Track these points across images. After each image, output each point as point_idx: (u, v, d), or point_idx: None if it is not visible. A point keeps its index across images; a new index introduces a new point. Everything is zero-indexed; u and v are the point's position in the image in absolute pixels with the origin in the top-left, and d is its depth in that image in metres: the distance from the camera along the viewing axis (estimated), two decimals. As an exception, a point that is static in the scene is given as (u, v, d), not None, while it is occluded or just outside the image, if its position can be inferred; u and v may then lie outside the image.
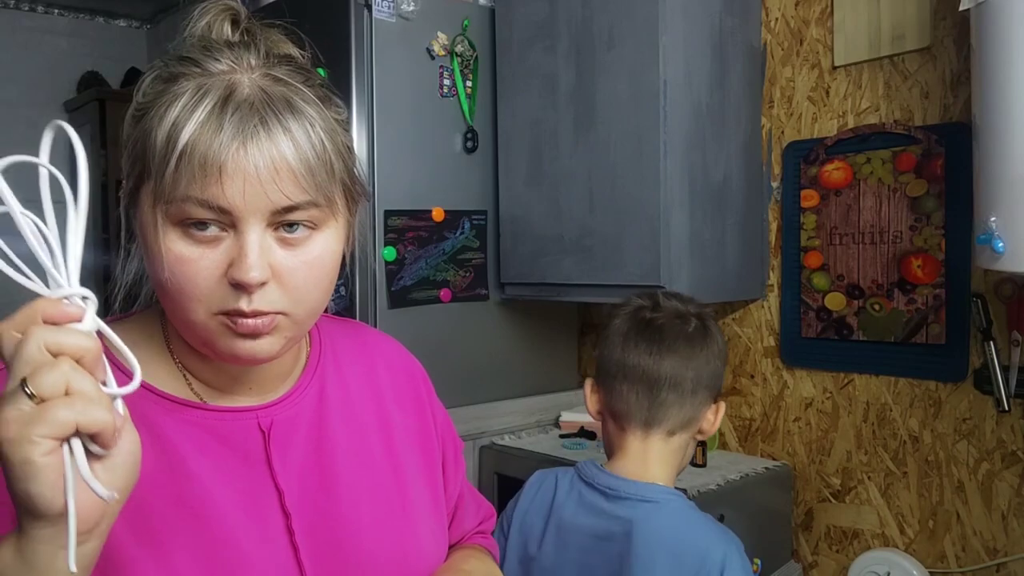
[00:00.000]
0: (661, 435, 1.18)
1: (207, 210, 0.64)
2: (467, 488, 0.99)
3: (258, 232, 0.66)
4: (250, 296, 0.66)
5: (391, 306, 1.88)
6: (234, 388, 0.76)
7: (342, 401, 0.83)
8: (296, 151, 0.66)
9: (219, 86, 0.66)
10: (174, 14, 3.65)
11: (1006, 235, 1.27)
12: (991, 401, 1.59)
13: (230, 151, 0.64)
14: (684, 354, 1.17)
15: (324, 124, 0.69)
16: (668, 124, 1.70)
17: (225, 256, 0.66)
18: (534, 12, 1.94)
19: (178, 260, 0.66)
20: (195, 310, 0.67)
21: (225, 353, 0.69)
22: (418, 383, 0.93)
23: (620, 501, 1.14)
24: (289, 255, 0.68)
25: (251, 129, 0.64)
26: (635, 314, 1.23)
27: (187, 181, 0.64)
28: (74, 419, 0.51)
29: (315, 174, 0.67)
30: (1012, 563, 1.58)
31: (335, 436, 0.80)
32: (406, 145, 1.91)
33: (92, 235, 2.04)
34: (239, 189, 0.64)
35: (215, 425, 0.74)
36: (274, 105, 0.66)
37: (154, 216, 0.66)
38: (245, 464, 0.73)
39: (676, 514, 1.13)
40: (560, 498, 1.21)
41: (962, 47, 1.61)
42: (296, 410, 0.78)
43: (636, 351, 1.18)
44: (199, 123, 0.64)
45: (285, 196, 0.65)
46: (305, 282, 0.69)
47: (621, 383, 1.18)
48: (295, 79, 0.70)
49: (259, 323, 0.67)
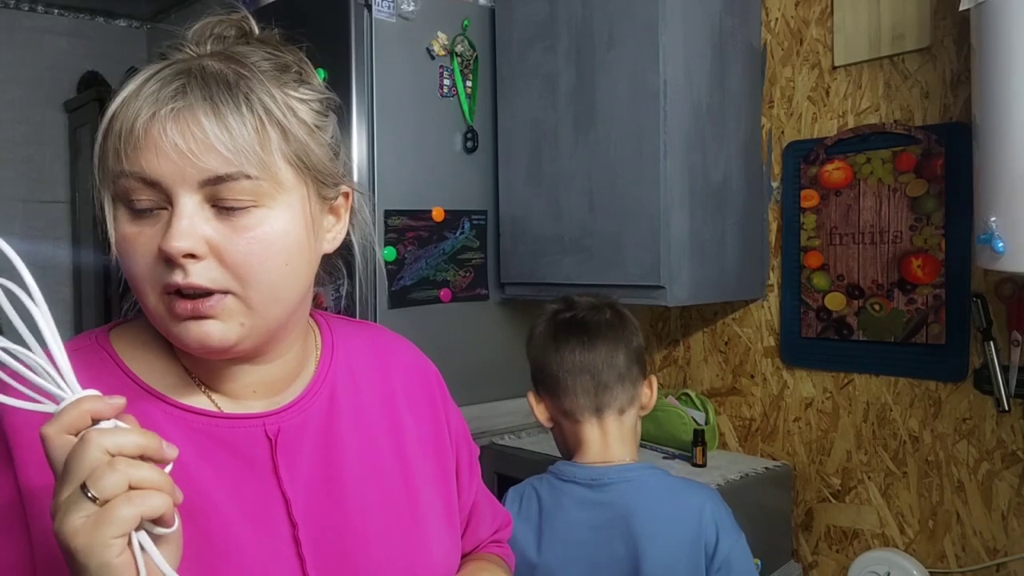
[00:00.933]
0: (613, 416, 1.27)
1: (138, 183, 0.65)
2: (483, 495, 0.97)
3: (191, 204, 0.65)
4: (184, 269, 0.64)
5: (391, 306, 1.88)
6: (237, 390, 0.75)
7: (353, 407, 0.81)
8: (216, 120, 0.65)
9: (154, 66, 0.68)
10: (174, 14, 3.66)
11: (1006, 235, 1.27)
12: (991, 401, 1.59)
13: (140, 120, 0.64)
14: (610, 337, 1.28)
15: (267, 98, 0.68)
16: (668, 124, 1.70)
17: (162, 231, 0.65)
18: (534, 12, 1.94)
19: (123, 239, 0.67)
20: (145, 292, 0.67)
21: (176, 340, 0.68)
22: (433, 388, 0.91)
23: (605, 488, 1.22)
24: (227, 229, 0.66)
25: (165, 98, 0.65)
26: (554, 317, 1.33)
27: (115, 155, 0.65)
28: (138, 513, 0.53)
29: (240, 144, 0.65)
30: (1012, 563, 1.58)
31: (345, 443, 0.78)
32: (406, 145, 1.91)
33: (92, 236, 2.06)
34: (156, 159, 0.64)
35: (221, 432, 0.72)
36: (202, 77, 0.66)
37: (103, 197, 0.67)
38: (251, 472, 0.72)
39: (659, 484, 1.23)
40: (547, 503, 1.25)
41: (962, 47, 1.61)
42: (305, 417, 0.77)
43: (569, 347, 1.28)
44: (123, 96, 0.66)
45: (207, 166, 0.64)
46: (247, 259, 0.67)
47: (565, 382, 1.27)
48: (250, 57, 0.70)
49: (198, 305, 0.65)
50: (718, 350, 2.05)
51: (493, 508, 1.00)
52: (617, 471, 1.24)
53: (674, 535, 1.18)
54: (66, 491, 0.53)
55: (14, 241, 0.58)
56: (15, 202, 3.55)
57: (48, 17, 3.68)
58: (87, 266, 3.50)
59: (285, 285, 0.70)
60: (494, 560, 0.94)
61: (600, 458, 1.26)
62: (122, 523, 0.52)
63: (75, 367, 0.70)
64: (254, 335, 0.70)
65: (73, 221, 3.69)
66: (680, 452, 1.88)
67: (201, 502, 0.69)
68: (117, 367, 0.72)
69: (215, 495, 0.70)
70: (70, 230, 3.69)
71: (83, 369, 0.70)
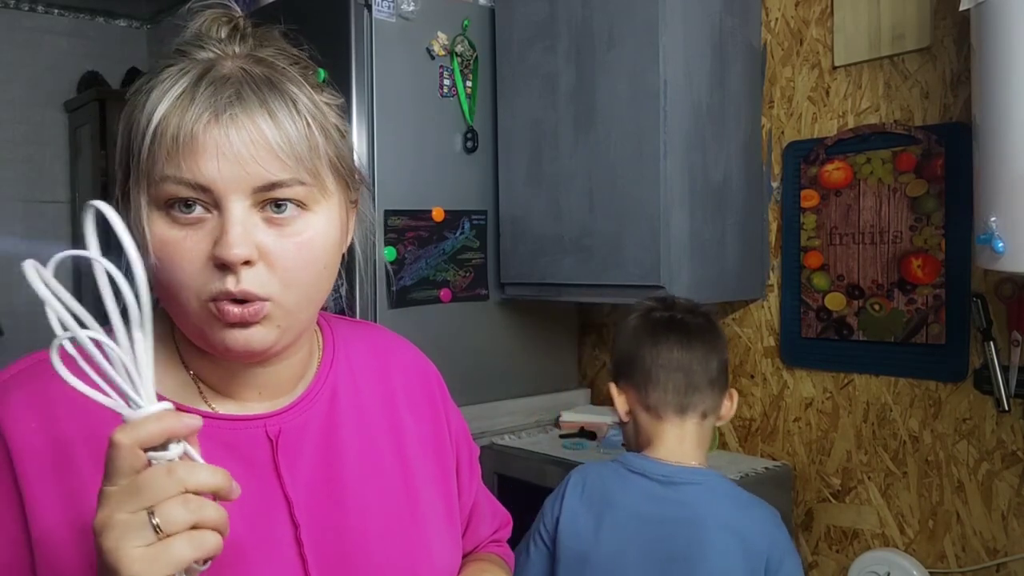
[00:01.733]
0: (696, 419, 1.28)
1: (188, 188, 0.64)
2: (484, 495, 0.97)
3: (241, 209, 0.64)
4: (237, 276, 0.64)
5: (391, 306, 1.88)
6: (243, 392, 0.75)
7: (354, 407, 0.81)
8: (275, 125, 0.65)
9: (195, 67, 0.66)
10: (174, 14, 3.66)
11: (1006, 235, 1.27)
12: (991, 401, 1.59)
13: (200, 124, 0.63)
14: (707, 342, 1.30)
15: (308, 102, 0.68)
16: (668, 124, 1.70)
17: (209, 236, 0.64)
18: (534, 12, 1.94)
19: (162, 243, 0.65)
20: (186, 298, 0.66)
21: (219, 346, 0.67)
22: (433, 388, 0.91)
23: (675, 487, 1.23)
24: (277, 235, 0.66)
25: (224, 102, 0.64)
26: (651, 313, 1.33)
27: (163, 159, 0.64)
28: (197, 555, 0.53)
29: (297, 150, 0.66)
30: (1012, 563, 1.58)
31: (346, 444, 0.78)
32: (406, 145, 1.91)
33: (92, 235, 1.96)
34: (215, 165, 0.63)
35: (222, 434, 0.72)
36: (252, 81, 0.66)
37: (138, 202, 0.66)
38: (253, 473, 0.72)
39: (729, 493, 1.25)
40: (613, 491, 1.25)
41: (962, 47, 1.61)
42: (306, 418, 0.77)
43: (668, 344, 1.28)
44: (173, 99, 0.64)
45: (265, 172, 0.64)
46: (295, 264, 0.67)
47: (658, 376, 1.27)
48: (280, 61, 0.70)
49: (246, 311, 0.65)
50: (718, 350, 2.05)
51: (493, 508, 1.00)
52: (689, 472, 1.24)
53: (737, 545, 1.18)
54: (126, 509, 0.53)
55: (14, 241, 0.57)
56: (15, 202, 3.55)
57: (48, 17, 3.68)
58: (87, 266, 3.49)
59: (319, 287, 0.71)
60: (494, 560, 0.94)
61: (674, 458, 1.26)
62: (180, 562, 0.52)
63: (72, 370, 0.70)
64: (287, 336, 0.70)
65: (73, 221, 3.70)
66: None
67: None
68: None
69: None
70: (70, 230, 3.69)
71: (84, 372, 0.71)
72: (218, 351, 0.69)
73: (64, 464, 0.66)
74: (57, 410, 0.68)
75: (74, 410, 0.68)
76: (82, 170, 3.59)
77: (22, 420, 0.67)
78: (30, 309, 3.57)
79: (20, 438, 0.66)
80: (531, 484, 1.85)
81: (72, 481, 0.66)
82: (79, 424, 0.68)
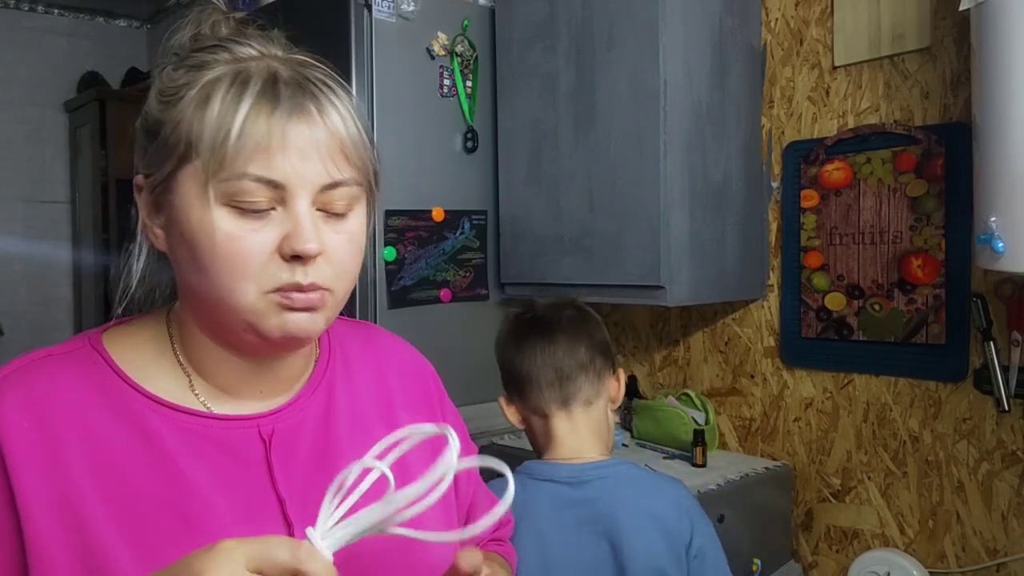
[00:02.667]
0: (580, 408, 1.29)
1: (262, 186, 0.66)
2: (483, 493, 0.97)
3: (306, 206, 0.68)
4: (305, 269, 0.67)
5: (391, 306, 1.88)
6: (246, 390, 0.75)
7: (349, 406, 0.82)
8: (346, 127, 0.70)
9: (260, 69, 0.69)
10: (174, 14, 3.66)
11: (1006, 235, 1.27)
12: (991, 401, 1.59)
13: (287, 126, 0.66)
14: (570, 331, 1.31)
15: (351, 106, 0.72)
16: (668, 124, 1.70)
17: (277, 231, 0.67)
18: (534, 12, 1.94)
19: (228, 237, 0.66)
20: (245, 290, 0.67)
21: (273, 332, 0.69)
22: (429, 387, 0.92)
23: (584, 485, 1.23)
24: (333, 230, 0.70)
25: (305, 105, 0.68)
26: (517, 320, 1.36)
27: (245, 158, 0.66)
28: None
29: (359, 151, 0.71)
30: (1012, 563, 1.58)
31: (341, 443, 0.78)
32: (406, 145, 1.91)
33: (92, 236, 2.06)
34: (294, 164, 0.67)
35: (215, 434, 0.72)
36: (317, 86, 0.69)
37: (203, 196, 0.66)
38: (246, 473, 0.72)
39: (637, 479, 1.26)
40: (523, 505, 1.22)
41: (962, 47, 1.61)
42: (300, 417, 0.77)
43: (531, 344, 1.30)
44: (254, 100, 0.66)
45: (337, 170, 0.69)
46: (346, 257, 0.71)
47: (531, 378, 1.29)
48: (316, 66, 0.73)
49: (312, 297, 0.68)
50: (718, 350, 2.05)
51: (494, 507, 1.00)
52: (595, 468, 1.25)
53: (655, 528, 1.20)
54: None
55: (14, 241, 0.58)
56: (15, 202, 3.55)
57: (48, 17, 3.68)
58: (87, 266, 3.50)
59: (354, 281, 0.75)
60: (495, 559, 0.94)
61: (573, 454, 1.26)
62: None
63: (70, 370, 0.70)
64: (325, 326, 0.73)
65: (73, 221, 3.70)
66: (680, 452, 1.88)
67: (197, 503, 0.69)
68: (111, 369, 0.72)
69: (210, 496, 0.70)
70: (70, 230, 3.69)
71: (78, 372, 0.71)
72: (266, 340, 0.70)
73: (57, 463, 0.66)
74: (50, 411, 0.68)
75: (67, 411, 0.68)
76: (82, 170, 3.59)
77: (14, 420, 0.67)
78: (30, 309, 3.57)
79: (12, 437, 0.66)
80: (531, 484, 1.84)
81: (64, 481, 0.66)
82: (72, 425, 0.68)
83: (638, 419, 2.00)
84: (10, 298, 3.49)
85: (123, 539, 0.66)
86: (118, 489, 0.67)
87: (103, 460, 0.68)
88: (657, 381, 2.19)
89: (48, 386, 0.69)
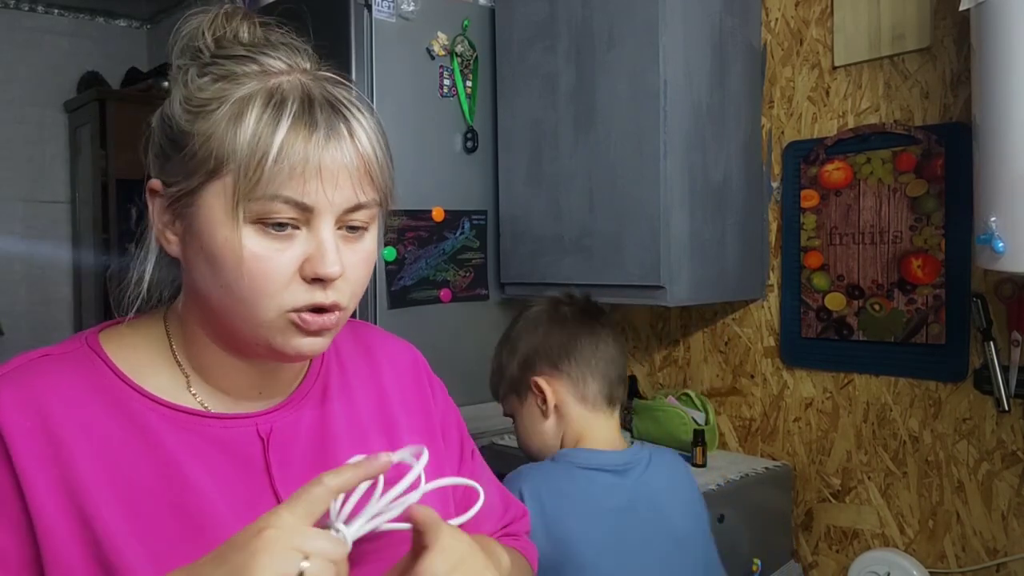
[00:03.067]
0: (617, 411, 1.35)
1: (292, 208, 0.67)
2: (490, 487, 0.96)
3: (329, 227, 0.68)
4: (326, 291, 0.69)
5: (391, 306, 1.88)
6: (243, 391, 0.76)
7: (345, 404, 0.82)
8: (374, 150, 0.71)
9: (294, 87, 0.68)
10: (174, 14, 3.66)
11: (1006, 235, 1.27)
12: (991, 401, 1.59)
13: (324, 150, 0.67)
14: (616, 337, 1.37)
15: (378, 127, 0.73)
16: (668, 124, 1.70)
17: (300, 252, 0.68)
18: (534, 12, 1.94)
19: (254, 257, 0.67)
20: (267, 307, 0.68)
21: (285, 350, 0.70)
22: (422, 378, 0.92)
23: (631, 471, 1.27)
24: (351, 251, 0.71)
25: (338, 128, 0.68)
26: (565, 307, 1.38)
27: (281, 181, 0.66)
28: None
29: (384, 173, 0.72)
30: (1012, 563, 1.58)
31: (338, 441, 0.79)
32: (406, 145, 1.91)
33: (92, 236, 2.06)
34: (325, 187, 0.67)
35: (214, 433, 0.73)
36: (347, 107, 0.70)
37: (231, 213, 0.66)
38: (244, 472, 0.73)
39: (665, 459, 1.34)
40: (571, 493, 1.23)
41: (962, 47, 1.61)
42: (297, 415, 0.78)
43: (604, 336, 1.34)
44: (291, 123, 0.66)
45: (359, 194, 0.69)
46: (361, 276, 0.72)
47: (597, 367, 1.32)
48: (344, 84, 0.73)
49: (327, 320, 0.70)
50: (718, 350, 2.05)
51: (505, 501, 0.99)
52: (633, 452, 1.29)
53: (688, 501, 1.31)
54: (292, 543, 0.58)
55: (14, 241, 0.58)
56: (15, 202, 3.55)
57: (48, 17, 3.68)
58: (87, 266, 3.50)
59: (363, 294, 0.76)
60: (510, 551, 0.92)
61: (613, 446, 1.30)
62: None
63: (68, 370, 0.71)
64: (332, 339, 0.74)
65: (73, 221, 3.70)
66: (680, 452, 1.88)
67: (195, 502, 0.69)
68: (109, 369, 0.73)
69: (209, 494, 0.70)
70: (70, 230, 3.69)
71: (77, 372, 0.71)
72: (275, 356, 0.72)
73: (59, 458, 0.67)
74: (50, 410, 0.68)
75: (67, 410, 0.69)
76: (82, 170, 3.59)
77: (16, 418, 0.67)
78: (30, 309, 3.57)
79: (16, 435, 0.66)
80: (531, 484, 1.84)
81: (68, 474, 0.67)
82: (73, 424, 0.68)
83: (638, 419, 2.00)
84: (10, 298, 3.49)
85: (128, 536, 0.66)
86: (120, 487, 0.68)
87: (104, 459, 0.68)
88: (657, 381, 2.19)
89: (47, 385, 0.70)
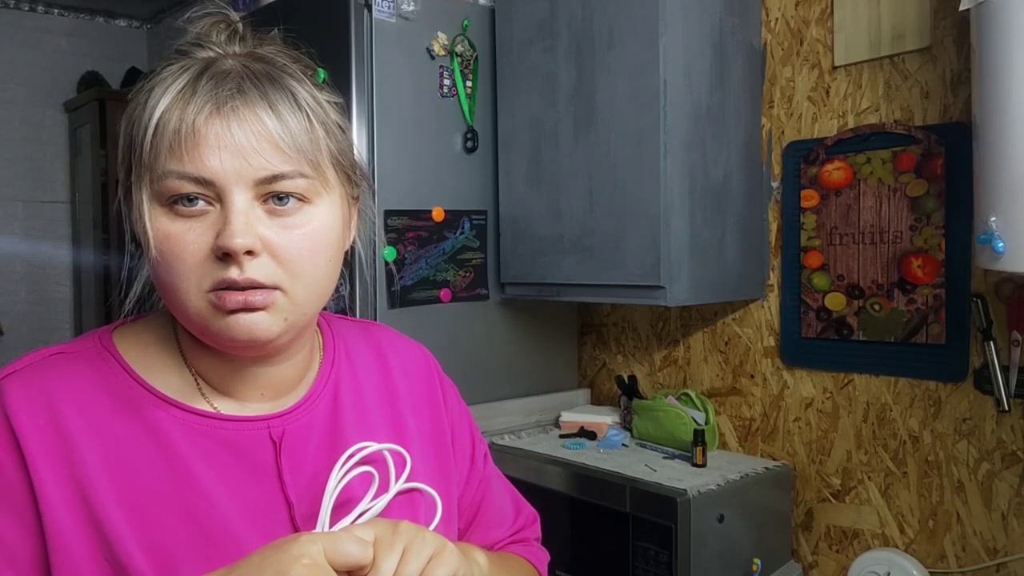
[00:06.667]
0: None
1: (190, 183, 0.65)
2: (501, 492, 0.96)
3: (244, 201, 0.65)
4: (240, 266, 0.65)
5: (391, 306, 1.88)
6: (246, 391, 0.75)
7: (356, 408, 0.81)
8: (276, 118, 0.66)
9: (199, 64, 0.67)
10: (174, 14, 3.66)
11: (1006, 235, 1.27)
12: (991, 401, 1.59)
13: (201, 117, 0.64)
14: None
15: (309, 97, 0.69)
16: (668, 124, 1.70)
17: (212, 229, 0.65)
18: (534, 12, 1.94)
19: (165, 237, 0.66)
20: (187, 290, 0.66)
21: (222, 335, 0.67)
22: (434, 380, 0.91)
23: None
24: (280, 227, 0.67)
25: (225, 95, 0.65)
26: None
27: (166, 154, 0.64)
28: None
29: (298, 142, 0.67)
30: (1012, 563, 1.58)
31: (348, 445, 0.77)
32: (406, 145, 1.91)
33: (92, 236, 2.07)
34: (217, 157, 0.64)
35: (225, 435, 0.72)
36: (253, 76, 0.67)
37: (140, 197, 0.66)
38: (255, 475, 0.72)
39: None
40: None
41: (962, 47, 1.61)
42: (309, 419, 0.77)
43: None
44: (173, 94, 0.65)
45: (268, 164, 0.65)
46: (299, 255, 0.68)
47: None
48: (281, 58, 0.71)
49: (250, 296, 0.66)
50: (718, 350, 2.05)
51: (516, 506, 0.98)
52: None
53: None
54: None
55: (14, 241, 0.58)
56: (15, 202, 3.55)
57: (48, 17, 3.68)
58: (87, 266, 3.50)
59: (326, 281, 0.72)
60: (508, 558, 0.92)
61: None
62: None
63: (82, 369, 0.70)
64: (292, 330, 0.71)
65: (73, 221, 3.70)
66: (680, 452, 1.88)
67: (205, 505, 0.69)
68: (122, 369, 0.72)
69: (219, 498, 0.70)
70: (70, 230, 3.69)
71: (90, 371, 0.71)
72: (222, 342, 0.69)
73: (71, 457, 0.67)
74: (61, 406, 0.68)
75: (80, 410, 0.69)
76: (82, 170, 3.59)
77: (30, 416, 0.67)
78: (30, 309, 3.57)
79: (28, 430, 0.66)
80: (531, 484, 1.85)
81: (79, 473, 0.66)
82: (85, 423, 0.68)
83: (638, 419, 2.00)
84: (10, 298, 3.49)
85: (137, 539, 0.66)
86: (130, 489, 0.67)
87: (116, 460, 0.68)
88: (657, 381, 2.19)
89: (61, 384, 0.69)
